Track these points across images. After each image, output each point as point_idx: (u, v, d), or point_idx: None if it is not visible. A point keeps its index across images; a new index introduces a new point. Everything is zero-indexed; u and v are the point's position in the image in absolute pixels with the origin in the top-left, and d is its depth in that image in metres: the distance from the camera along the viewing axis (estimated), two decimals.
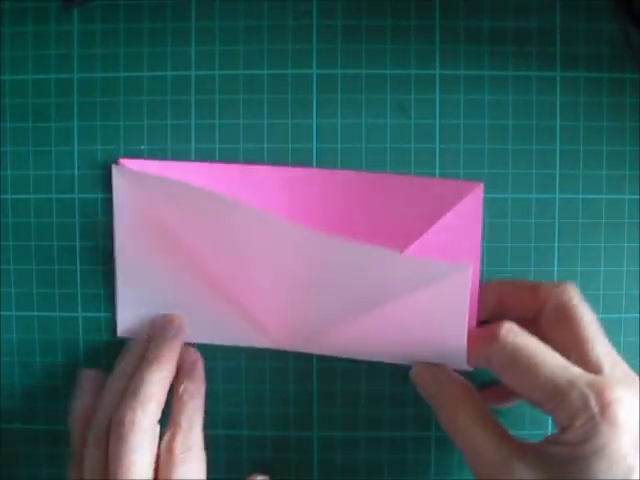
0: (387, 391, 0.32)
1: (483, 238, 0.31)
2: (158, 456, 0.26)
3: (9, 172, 0.31)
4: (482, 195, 0.30)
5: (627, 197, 0.31)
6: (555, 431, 0.24)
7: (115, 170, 0.30)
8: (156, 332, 0.29)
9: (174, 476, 0.25)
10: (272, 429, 0.32)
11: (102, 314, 0.31)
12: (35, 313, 0.32)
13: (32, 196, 0.31)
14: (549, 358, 0.24)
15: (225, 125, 0.31)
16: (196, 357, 0.30)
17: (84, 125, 0.31)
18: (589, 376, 0.23)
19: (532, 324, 0.27)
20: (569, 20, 0.31)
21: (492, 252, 0.31)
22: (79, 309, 0.32)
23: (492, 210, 0.31)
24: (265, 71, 0.31)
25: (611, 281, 0.31)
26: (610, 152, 0.31)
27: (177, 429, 0.27)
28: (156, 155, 0.31)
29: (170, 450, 0.26)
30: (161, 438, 0.26)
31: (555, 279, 0.31)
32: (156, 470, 0.26)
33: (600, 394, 0.22)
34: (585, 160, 0.31)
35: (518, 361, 0.24)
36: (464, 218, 0.30)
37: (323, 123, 0.31)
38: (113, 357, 0.30)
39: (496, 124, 0.31)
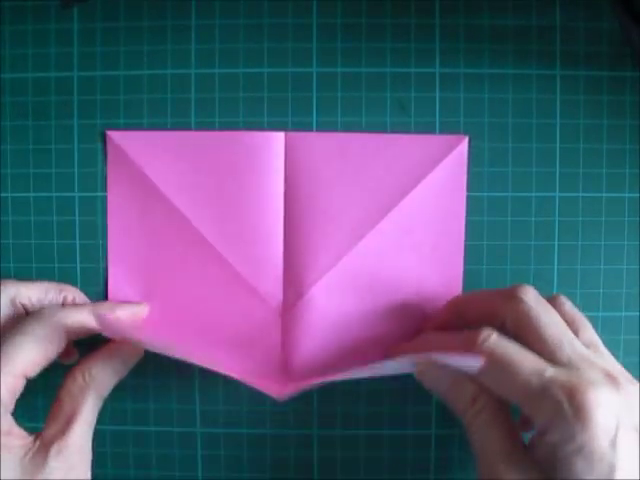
0: (387, 388, 0.32)
1: (483, 237, 0.31)
2: None
3: (9, 170, 0.31)
4: (467, 148, 0.31)
5: (627, 195, 0.31)
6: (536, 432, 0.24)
7: (111, 135, 0.31)
8: None
9: None
10: (272, 427, 0.32)
11: None
12: None
13: (32, 194, 0.31)
14: (526, 362, 0.24)
15: (225, 123, 0.31)
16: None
17: (84, 123, 0.31)
18: (563, 378, 0.23)
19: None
20: (569, 18, 0.31)
21: (492, 250, 0.31)
22: None
23: (492, 208, 0.31)
24: (265, 69, 0.31)
25: (611, 279, 0.31)
26: (610, 150, 0.31)
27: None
28: None
29: None
30: None
31: (555, 277, 0.31)
32: None
33: (572, 397, 0.22)
34: (585, 158, 0.31)
35: (495, 366, 0.24)
36: (450, 172, 0.31)
37: (323, 121, 0.31)
38: None
39: (496, 122, 0.31)
